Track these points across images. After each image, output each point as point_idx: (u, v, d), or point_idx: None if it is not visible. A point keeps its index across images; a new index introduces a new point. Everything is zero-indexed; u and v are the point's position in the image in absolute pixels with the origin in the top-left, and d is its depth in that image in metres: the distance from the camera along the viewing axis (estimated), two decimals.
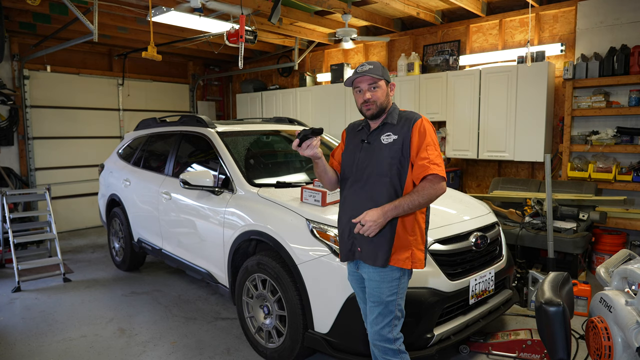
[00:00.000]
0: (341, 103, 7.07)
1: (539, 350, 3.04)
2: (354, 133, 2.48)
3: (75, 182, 7.66)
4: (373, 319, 2.28)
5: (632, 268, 2.34)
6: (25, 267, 4.88)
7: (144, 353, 3.36)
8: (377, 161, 2.28)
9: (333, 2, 5.50)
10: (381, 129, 2.34)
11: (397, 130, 2.29)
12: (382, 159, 2.27)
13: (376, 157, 2.29)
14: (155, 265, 5.55)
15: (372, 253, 2.26)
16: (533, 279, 3.98)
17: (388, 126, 2.33)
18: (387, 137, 2.29)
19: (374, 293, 2.27)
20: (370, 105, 2.30)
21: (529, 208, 4.82)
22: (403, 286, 2.30)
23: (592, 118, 5.17)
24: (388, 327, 2.26)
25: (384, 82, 2.32)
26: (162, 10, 4.98)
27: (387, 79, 2.35)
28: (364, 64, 2.33)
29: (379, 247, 2.23)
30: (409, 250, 2.25)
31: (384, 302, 2.25)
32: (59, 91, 7.46)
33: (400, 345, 2.29)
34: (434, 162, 2.18)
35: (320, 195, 2.96)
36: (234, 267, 3.43)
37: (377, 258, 2.24)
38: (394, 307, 2.26)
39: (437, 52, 6.42)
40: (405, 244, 2.24)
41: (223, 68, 9.84)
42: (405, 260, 2.24)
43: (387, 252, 2.23)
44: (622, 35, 4.90)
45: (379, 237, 2.22)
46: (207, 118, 4.23)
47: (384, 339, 2.26)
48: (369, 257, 2.27)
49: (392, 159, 2.25)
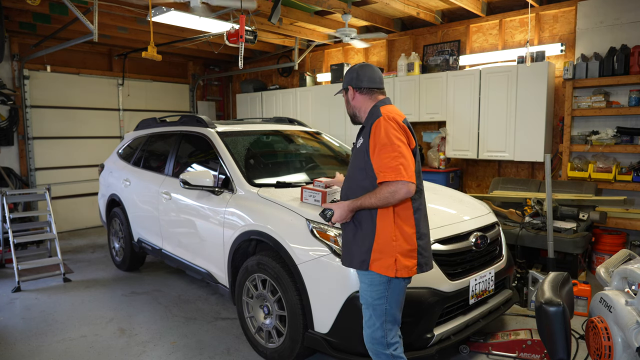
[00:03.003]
0: (341, 103, 7.06)
1: (539, 350, 3.04)
2: None
3: (75, 182, 7.66)
4: (365, 321, 2.31)
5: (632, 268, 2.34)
6: (25, 267, 4.88)
7: (144, 353, 3.36)
8: (351, 167, 2.35)
9: (333, 2, 5.50)
10: (359, 134, 2.37)
11: (364, 133, 2.28)
12: (354, 164, 2.32)
13: (352, 161, 2.36)
14: (155, 265, 5.55)
15: (347, 254, 2.30)
16: (533, 279, 3.98)
17: (362, 130, 2.34)
18: (359, 142, 2.31)
19: (363, 295, 2.29)
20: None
21: (529, 208, 4.82)
22: (393, 292, 2.22)
23: (592, 118, 5.17)
24: (380, 330, 2.24)
25: (344, 92, 2.39)
26: (162, 10, 4.98)
27: (345, 87, 2.39)
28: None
29: (353, 249, 2.26)
30: (392, 257, 2.16)
31: (372, 305, 2.24)
32: (59, 91, 7.46)
33: (394, 351, 2.25)
34: (387, 167, 2.08)
35: (320, 195, 2.96)
36: (234, 267, 3.43)
37: (352, 261, 2.27)
38: (383, 311, 2.22)
39: (437, 52, 6.42)
40: (386, 249, 2.16)
41: (223, 68, 9.84)
42: (388, 267, 2.16)
43: (362, 254, 2.21)
44: (622, 35, 4.90)
45: (352, 239, 2.26)
46: (207, 118, 4.23)
47: (376, 342, 2.26)
48: (344, 259, 2.34)
49: (359, 164, 2.26)
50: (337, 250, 2.69)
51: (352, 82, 2.37)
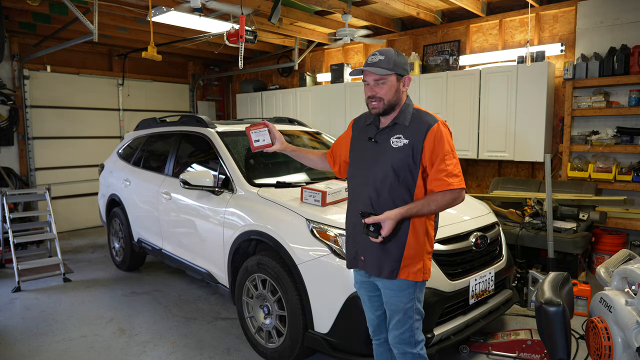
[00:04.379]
0: (341, 103, 7.07)
1: (539, 350, 3.04)
2: (361, 127, 2.30)
3: (75, 182, 7.67)
4: (393, 324, 2.19)
5: (632, 268, 2.34)
6: (25, 267, 4.88)
7: (144, 353, 3.36)
8: (384, 166, 2.10)
9: (333, 2, 5.50)
10: (391, 129, 2.13)
11: (408, 134, 2.07)
12: (389, 164, 2.08)
13: (383, 161, 2.11)
14: (155, 265, 5.55)
15: (376, 264, 2.12)
16: (533, 279, 3.98)
17: (399, 127, 2.11)
18: (397, 141, 2.09)
19: (391, 302, 2.17)
20: (376, 102, 2.09)
21: (529, 208, 4.82)
22: (421, 291, 2.19)
23: (592, 118, 5.17)
24: (409, 331, 2.16)
25: (394, 77, 2.07)
26: (162, 10, 4.98)
27: (400, 72, 2.09)
28: (375, 53, 2.08)
29: (383, 257, 2.10)
30: (420, 262, 2.11)
31: (402, 310, 2.14)
32: (59, 91, 7.47)
33: (421, 349, 2.20)
34: (452, 174, 2.01)
35: (320, 195, 2.96)
36: (234, 267, 3.43)
37: (381, 269, 2.11)
38: (413, 312, 2.16)
39: (437, 52, 6.42)
40: (416, 254, 2.10)
41: (223, 68, 9.84)
42: (417, 272, 2.10)
43: (393, 263, 2.09)
44: (622, 35, 4.90)
45: (383, 247, 2.08)
46: (207, 118, 4.23)
47: (404, 342, 2.18)
48: (372, 268, 2.14)
49: (400, 166, 2.06)
50: (337, 250, 2.69)
51: (407, 71, 2.14)
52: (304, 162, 2.64)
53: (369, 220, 2.01)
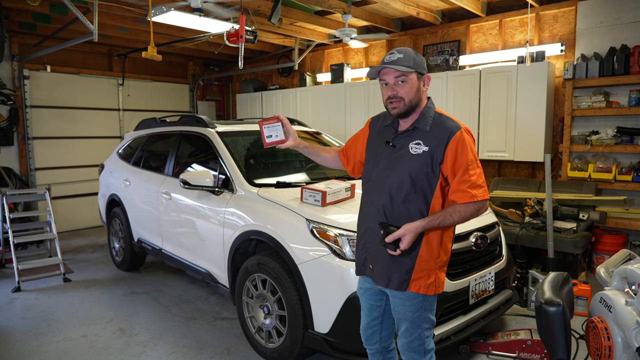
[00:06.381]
0: (341, 103, 7.07)
1: (539, 350, 3.04)
2: (379, 129, 2.19)
3: (75, 182, 7.66)
4: (402, 332, 2.12)
5: (632, 268, 2.34)
6: (25, 267, 4.88)
7: (144, 353, 3.36)
8: (400, 173, 1.99)
9: (333, 2, 5.50)
10: (410, 134, 2.02)
11: (428, 140, 1.97)
12: (406, 171, 1.98)
13: (400, 167, 2.00)
14: (155, 265, 5.55)
15: (385, 274, 2.05)
16: (533, 279, 3.98)
17: (419, 133, 2.00)
18: (417, 147, 1.98)
19: (399, 310, 2.10)
20: (397, 102, 1.97)
21: (529, 208, 4.81)
22: (430, 300, 2.10)
23: (592, 118, 5.17)
24: (418, 340, 2.09)
25: (414, 75, 1.96)
26: (162, 10, 4.97)
27: (420, 71, 1.98)
28: (392, 51, 1.98)
29: (393, 269, 2.02)
30: (433, 275, 2.03)
31: (410, 319, 2.08)
32: (59, 91, 7.46)
33: (430, 358, 2.13)
34: (476, 185, 1.91)
35: (320, 195, 2.96)
36: (234, 267, 3.43)
37: (390, 281, 2.04)
38: (421, 321, 2.08)
39: (437, 52, 6.42)
40: (428, 266, 2.02)
41: (223, 68, 9.84)
42: (429, 286, 2.02)
43: (403, 275, 2.01)
44: (622, 35, 4.90)
45: (393, 257, 2.00)
46: (207, 118, 4.23)
47: (413, 350, 2.11)
48: (380, 278, 2.07)
49: (418, 174, 1.96)
50: (337, 250, 2.69)
51: (426, 70, 2.03)
52: (316, 160, 2.52)
53: (390, 239, 1.93)
